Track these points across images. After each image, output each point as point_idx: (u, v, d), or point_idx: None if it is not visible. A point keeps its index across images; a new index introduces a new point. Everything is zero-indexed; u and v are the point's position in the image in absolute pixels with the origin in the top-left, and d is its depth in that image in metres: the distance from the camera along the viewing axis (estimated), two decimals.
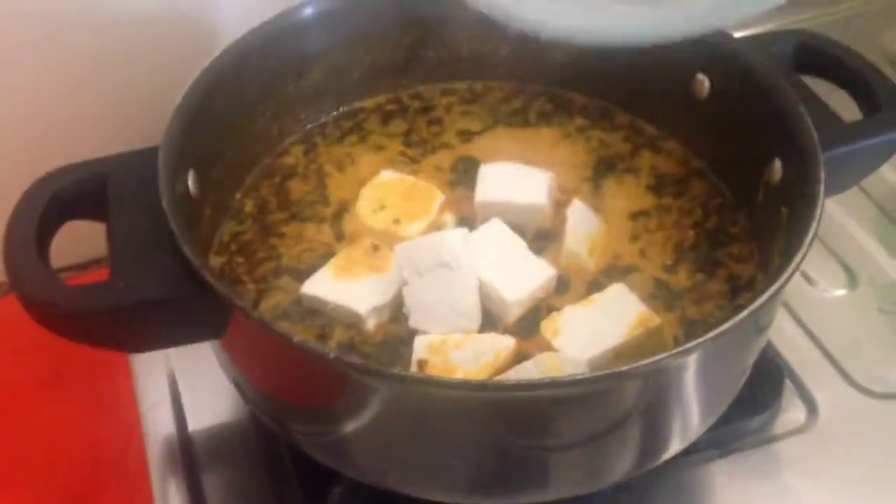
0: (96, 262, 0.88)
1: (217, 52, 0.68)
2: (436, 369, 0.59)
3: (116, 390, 0.80)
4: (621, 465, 0.61)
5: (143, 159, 0.62)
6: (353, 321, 0.64)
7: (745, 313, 0.53)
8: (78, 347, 0.59)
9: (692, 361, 0.55)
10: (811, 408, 0.76)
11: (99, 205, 0.62)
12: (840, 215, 0.90)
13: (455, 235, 0.63)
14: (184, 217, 0.60)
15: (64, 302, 0.56)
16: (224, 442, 0.72)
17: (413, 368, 0.60)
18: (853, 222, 0.90)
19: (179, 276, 0.57)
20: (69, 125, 0.81)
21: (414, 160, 0.77)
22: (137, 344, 0.61)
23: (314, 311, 0.65)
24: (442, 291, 0.61)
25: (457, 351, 0.60)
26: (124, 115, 0.80)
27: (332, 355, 0.50)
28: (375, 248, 0.66)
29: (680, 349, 0.52)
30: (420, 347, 0.61)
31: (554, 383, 0.51)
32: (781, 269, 0.56)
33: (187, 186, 0.64)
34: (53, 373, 0.85)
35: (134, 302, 0.57)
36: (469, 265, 0.62)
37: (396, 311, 0.65)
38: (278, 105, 0.76)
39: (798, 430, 0.74)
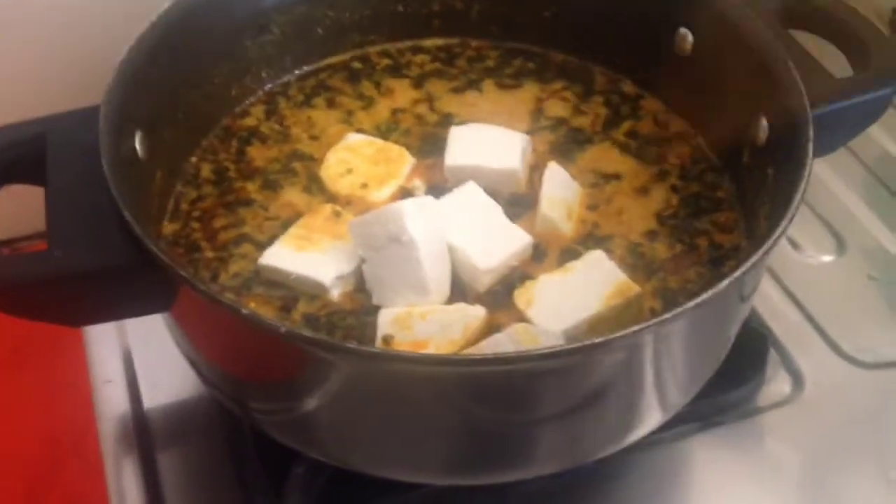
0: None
1: (166, 5, 0.64)
2: (403, 345, 0.56)
3: (75, 367, 0.77)
4: (599, 440, 0.58)
5: (85, 119, 0.58)
6: (317, 292, 0.61)
7: (727, 281, 0.50)
8: (34, 323, 0.56)
9: (672, 332, 0.52)
10: (796, 379, 0.73)
11: (37, 168, 0.58)
12: (828, 178, 0.87)
13: (403, 207, 0.57)
14: (130, 181, 0.57)
15: None
16: (181, 420, 0.69)
17: (378, 345, 0.56)
18: (842, 185, 0.87)
19: (122, 245, 0.53)
20: (4, 83, 0.76)
21: (382, 122, 0.73)
22: (80, 317, 0.57)
23: (276, 283, 0.62)
24: (396, 266, 0.58)
25: (423, 323, 0.56)
26: (66, 71, 0.75)
27: (283, 329, 0.47)
28: (337, 214, 0.63)
29: (658, 319, 0.49)
30: (384, 322, 0.57)
31: (523, 357, 0.48)
32: (767, 234, 0.53)
33: (134, 149, 0.60)
34: (11, 349, 0.82)
35: (72, 272, 0.53)
36: (422, 237, 0.58)
37: (363, 279, 0.61)
38: (236, 63, 0.72)
39: (783, 402, 0.72)
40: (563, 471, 0.60)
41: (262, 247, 0.63)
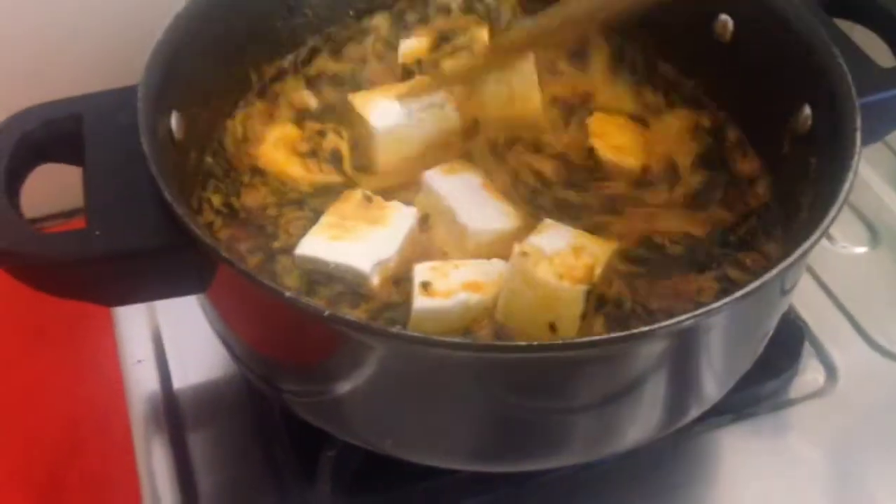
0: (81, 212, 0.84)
1: None
2: (439, 293, 0.56)
3: (100, 347, 0.77)
4: (633, 431, 0.57)
5: (121, 99, 0.58)
6: (357, 280, 0.60)
7: (774, 272, 0.49)
8: (61, 302, 0.56)
9: (715, 324, 0.52)
10: (830, 371, 0.72)
11: (74, 147, 0.58)
12: (862, 168, 0.85)
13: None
14: (167, 162, 0.56)
15: (35, 251, 0.52)
16: (211, 400, 0.69)
17: (416, 291, 0.56)
18: (875, 176, 0.86)
19: (161, 225, 0.53)
20: (42, 62, 0.76)
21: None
22: (116, 297, 0.57)
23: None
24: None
25: (457, 271, 0.58)
26: (102, 51, 0.74)
27: (327, 313, 0.46)
28: (368, 199, 0.62)
29: (703, 310, 0.48)
30: (421, 270, 0.58)
31: (563, 346, 0.47)
32: (813, 225, 0.52)
33: (170, 129, 0.60)
34: (36, 328, 0.82)
35: (111, 251, 0.53)
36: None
37: (402, 264, 0.61)
38: (269, 43, 0.71)
39: (815, 394, 0.71)
40: (595, 461, 0.59)
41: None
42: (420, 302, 0.56)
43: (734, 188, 0.67)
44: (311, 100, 0.71)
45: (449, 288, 0.56)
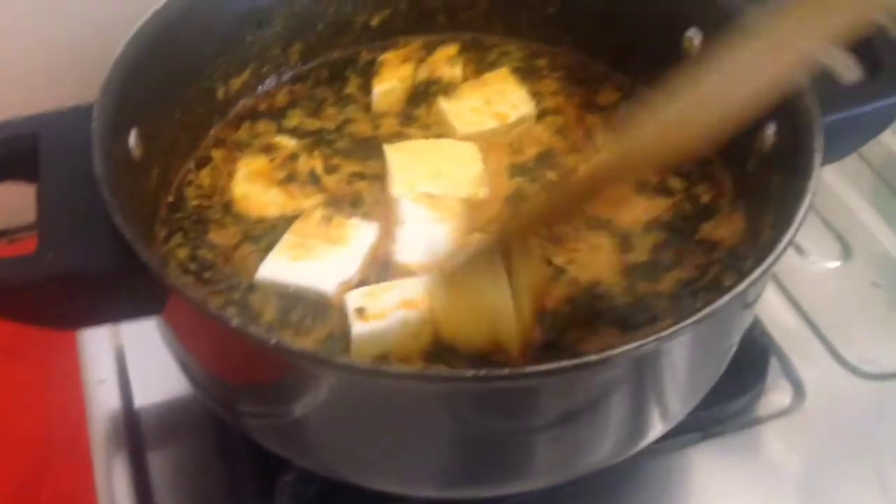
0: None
1: (162, 1, 0.62)
2: (375, 315, 0.56)
3: (69, 365, 0.76)
4: (598, 453, 0.57)
5: (80, 117, 0.57)
6: (319, 300, 0.59)
7: (730, 295, 0.49)
8: None
9: (674, 345, 0.51)
10: (797, 388, 0.72)
11: (30, 166, 0.57)
12: (835, 181, 0.85)
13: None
14: (124, 182, 0.56)
15: None
16: (172, 419, 0.69)
17: (352, 318, 0.56)
18: (849, 189, 0.85)
19: (114, 248, 0.52)
20: None
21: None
22: (71, 321, 0.56)
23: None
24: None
25: (388, 294, 0.57)
26: (62, 69, 0.74)
27: (272, 342, 0.45)
28: (328, 218, 0.62)
29: (661, 335, 0.48)
30: (354, 297, 0.58)
31: (517, 375, 0.47)
32: (771, 245, 0.52)
33: (129, 148, 0.59)
34: (3, 347, 0.81)
35: (62, 276, 0.52)
36: None
37: (364, 282, 0.60)
38: (236, 59, 0.70)
39: (783, 412, 0.71)
40: (562, 483, 0.59)
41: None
42: (358, 328, 0.56)
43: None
44: (288, 142, 0.70)
45: (383, 308, 0.56)
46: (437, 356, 0.57)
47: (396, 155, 0.67)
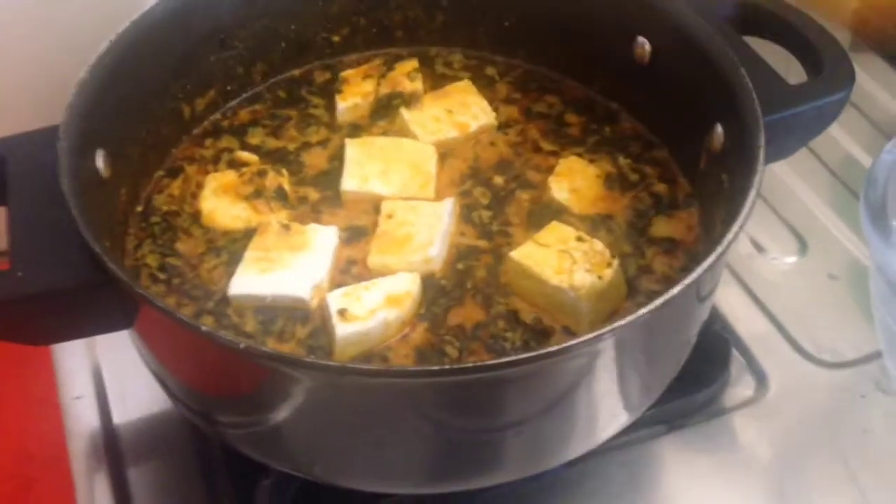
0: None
1: (125, 24, 0.64)
2: (359, 316, 0.58)
3: (48, 382, 0.76)
4: (566, 444, 0.59)
5: (46, 139, 0.58)
6: (296, 306, 0.61)
7: (679, 287, 0.51)
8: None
9: (631, 336, 0.53)
10: (760, 380, 0.74)
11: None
12: (792, 180, 0.88)
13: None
14: (92, 199, 0.57)
15: None
16: (151, 435, 0.69)
17: (335, 320, 0.58)
18: (805, 187, 0.88)
19: (83, 264, 0.53)
20: None
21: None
22: (44, 336, 0.57)
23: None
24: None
25: (368, 293, 0.59)
26: (27, 92, 0.75)
27: (242, 345, 0.47)
28: (286, 227, 0.63)
29: (616, 325, 0.50)
30: (335, 298, 0.59)
31: (481, 367, 0.48)
32: (718, 240, 0.54)
33: (96, 167, 0.60)
34: None
35: (34, 292, 0.53)
36: None
37: (334, 283, 0.62)
38: (199, 78, 0.72)
39: (747, 403, 0.73)
40: (532, 476, 0.60)
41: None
42: (342, 329, 0.57)
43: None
44: (250, 157, 0.71)
45: (369, 308, 0.58)
46: (425, 358, 0.59)
47: (354, 150, 0.69)
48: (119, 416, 0.70)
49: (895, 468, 0.69)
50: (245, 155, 0.71)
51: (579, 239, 0.63)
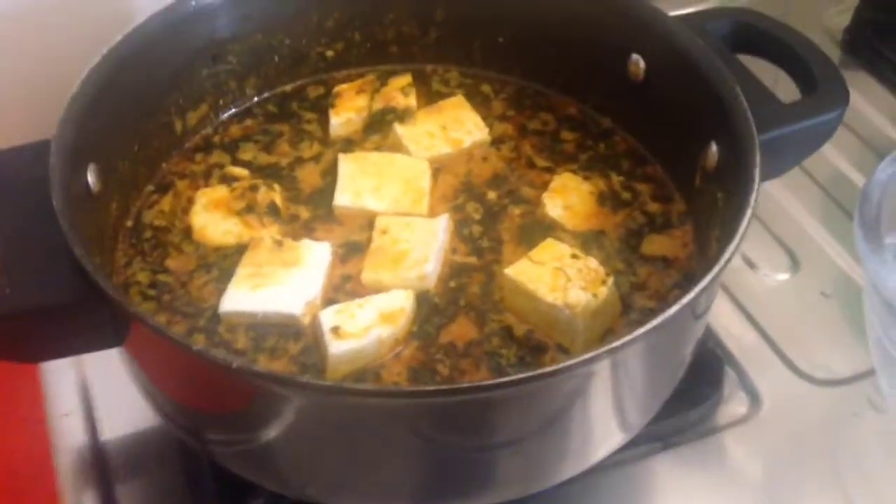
0: None
1: (118, 38, 0.64)
2: (352, 334, 0.57)
3: (34, 398, 0.75)
4: (560, 464, 0.59)
5: (36, 153, 0.58)
6: (288, 323, 0.60)
7: (676, 307, 0.51)
8: None
9: (628, 356, 0.53)
10: (753, 397, 0.74)
11: None
12: (784, 198, 0.88)
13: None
14: (83, 215, 0.57)
15: None
16: (139, 451, 0.68)
17: (328, 338, 0.57)
18: (797, 205, 0.88)
19: (74, 281, 0.53)
20: None
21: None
22: (33, 354, 0.57)
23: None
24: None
25: (362, 311, 0.58)
26: (17, 106, 0.74)
27: (235, 364, 0.46)
28: (279, 243, 0.63)
29: (613, 345, 0.50)
30: (328, 315, 0.58)
31: (476, 388, 0.48)
32: (715, 258, 0.54)
33: (87, 182, 0.60)
34: None
35: (23, 309, 0.53)
36: None
37: (326, 300, 0.62)
38: (192, 92, 0.71)
39: (741, 421, 0.72)
40: (528, 496, 0.60)
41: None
42: (336, 347, 0.56)
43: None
44: (241, 172, 0.71)
45: (363, 326, 0.57)
46: (418, 376, 0.58)
47: (347, 165, 0.69)
48: (107, 433, 0.70)
49: (888, 486, 0.69)
50: (237, 170, 0.71)
51: (574, 256, 0.62)
